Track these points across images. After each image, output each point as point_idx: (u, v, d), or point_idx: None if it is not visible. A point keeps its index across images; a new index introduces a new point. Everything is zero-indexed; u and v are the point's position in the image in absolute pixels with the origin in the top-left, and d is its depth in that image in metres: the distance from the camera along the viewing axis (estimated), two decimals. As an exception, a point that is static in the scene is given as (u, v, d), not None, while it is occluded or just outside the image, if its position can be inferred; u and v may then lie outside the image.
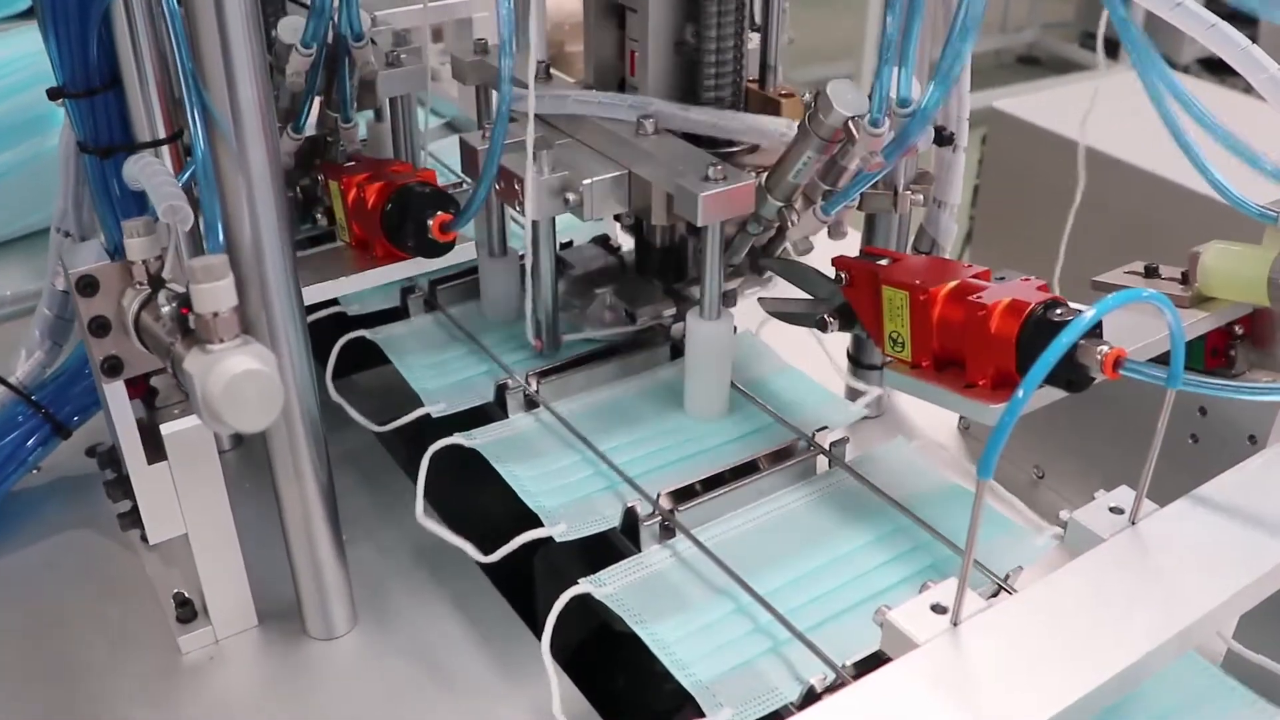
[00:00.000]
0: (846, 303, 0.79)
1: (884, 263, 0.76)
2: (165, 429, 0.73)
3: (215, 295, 0.57)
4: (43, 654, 0.80)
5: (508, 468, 0.84)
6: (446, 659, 0.79)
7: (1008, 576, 0.72)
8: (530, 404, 0.92)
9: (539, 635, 0.72)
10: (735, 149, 0.89)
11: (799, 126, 0.76)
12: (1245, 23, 0.76)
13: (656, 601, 0.73)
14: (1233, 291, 0.76)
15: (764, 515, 0.81)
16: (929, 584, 0.58)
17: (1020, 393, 0.50)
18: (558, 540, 0.78)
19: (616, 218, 0.98)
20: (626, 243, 1.06)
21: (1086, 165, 0.98)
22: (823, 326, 0.80)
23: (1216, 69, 3.67)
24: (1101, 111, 1.01)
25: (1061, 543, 0.67)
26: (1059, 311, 0.65)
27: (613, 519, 0.79)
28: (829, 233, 0.87)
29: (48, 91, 0.79)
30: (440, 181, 0.88)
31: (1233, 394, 0.62)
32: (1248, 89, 0.70)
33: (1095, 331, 0.63)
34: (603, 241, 1.08)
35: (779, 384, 0.94)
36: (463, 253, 0.87)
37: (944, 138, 0.85)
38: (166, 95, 0.80)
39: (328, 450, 0.75)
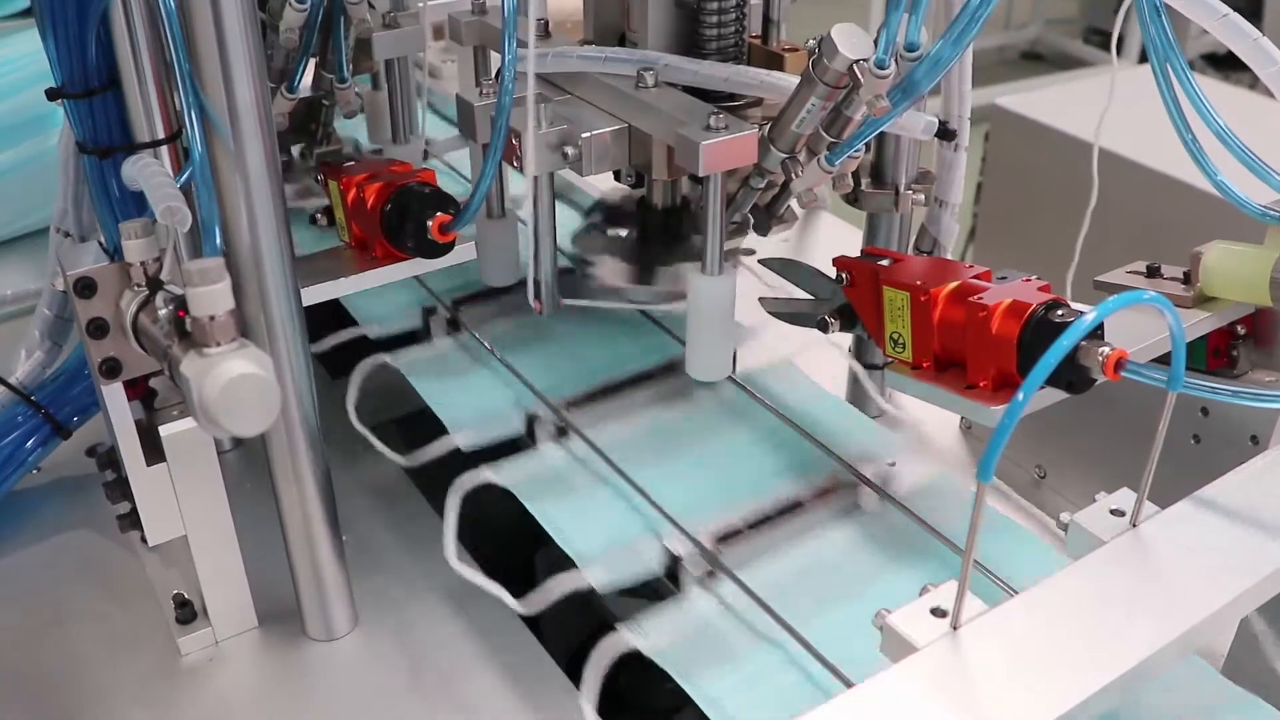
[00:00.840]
0: (848, 303, 0.78)
1: (885, 263, 0.75)
2: (164, 430, 0.73)
3: (211, 298, 0.56)
4: (42, 654, 0.80)
5: (540, 507, 0.82)
6: (447, 661, 0.79)
7: (1007, 579, 0.72)
8: (560, 432, 0.90)
9: (540, 637, 0.71)
10: (737, 103, 0.87)
11: (803, 73, 0.74)
12: (1249, 17, 0.76)
13: (702, 652, 0.71)
14: (1235, 291, 0.76)
15: (808, 554, 0.79)
16: (929, 587, 0.57)
17: (1020, 395, 0.49)
18: (600, 590, 0.76)
19: (617, 176, 0.95)
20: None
21: (1092, 164, 0.98)
22: (824, 327, 0.80)
23: (1222, 65, 3.66)
24: (1110, 110, 1.01)
25: (1061, 546, 0.67)
26: (1060, 313, 0.65)
27: (652, 564, 0.77)
28: (834, 184, 0.85)
29: (46, 92, 0.79)
30: (454, 190, 0.87)
31: (1232, 399, 0.61)
32: (1253, 85, 0.70)
33: (1097, 332, 0.63)
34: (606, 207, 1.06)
35: (818, 413, 0.92)
36: (463, 253, 0.87)
37: (946, 132, 0.85)
38: (165, 96, 0.79)
39: (326, 452, 0.75)
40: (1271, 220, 0.73)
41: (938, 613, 0.55)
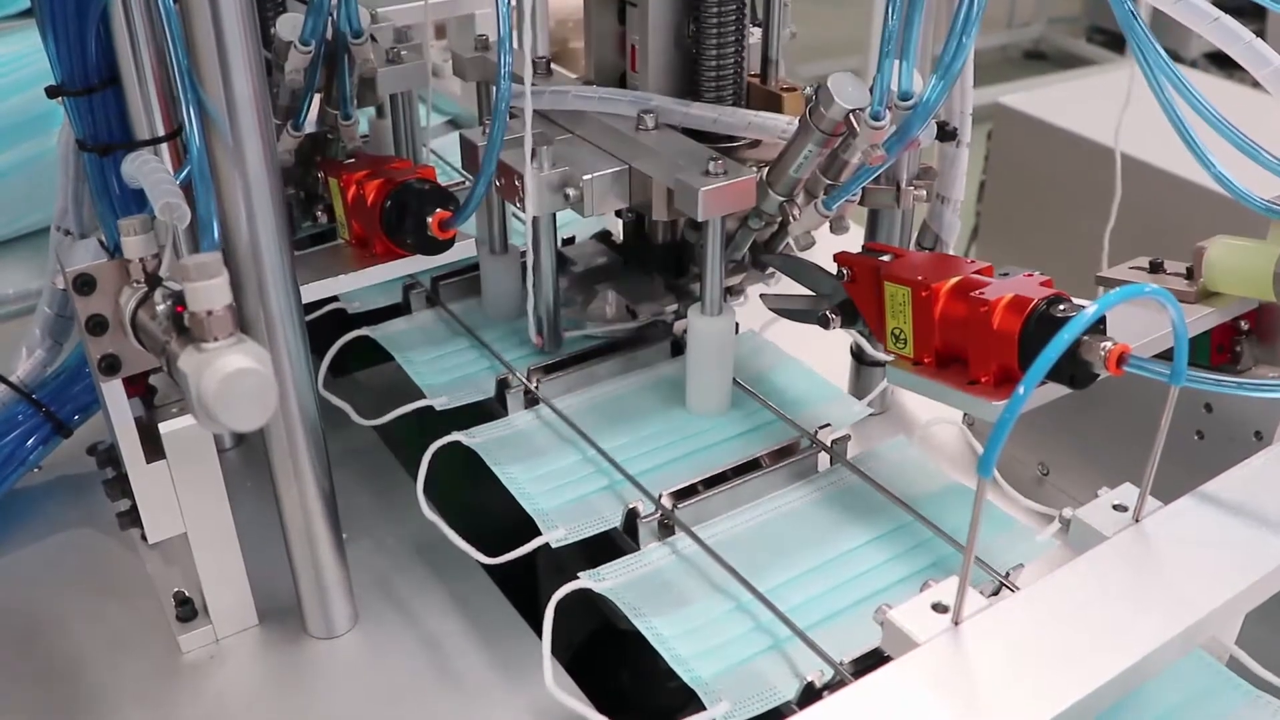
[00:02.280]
0: (849, 299, 0.78)
1: (886, 258, 0.75)
2: (164, 428, 0.73)
3: (209, 293, 0.56)
4: (43, 652, 0.80)
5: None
6: (447, 657, 0.79)
7: (1008, 574, 0.72)
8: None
9: (540, 634, 0.71)
10: (736, 144, 0.88)
11: (800, 120, 0.76)
12: (1252, 17, 0.76)
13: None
14: (1238, 286, 0.76)
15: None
16: (930, 582, 0.57)
17: (1021, 389, 0.49)
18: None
19: (618, 214, 0.97)
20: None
21: (1097, 162, 0.98)
22: (825, 323, 0.80)
23: (1224, 63, 3.65)
24: (1111, 108, 1.01)
25: (1064, 540, 0.67)
26: (1062, 307, 0.65)
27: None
28: (831, 227, 0.86)
29: (46, 90, 0.79)
30: (442, 179, 0.88)
31: (1236, 390, 0.61)
32: (1256, 82, 0.70)
33: (1100, 328, 0.62)
34: (604, 238, 1.07)
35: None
36: (462, 250, 0.87)
37: (946, 133, 0.85)
38: (165, 93, 0.79)
39: (327, 448, 0.75)
40: (1274, 215, 0.72)
41: (939, 608, 0.55)
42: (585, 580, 0.73)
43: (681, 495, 0.79)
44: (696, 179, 0.76)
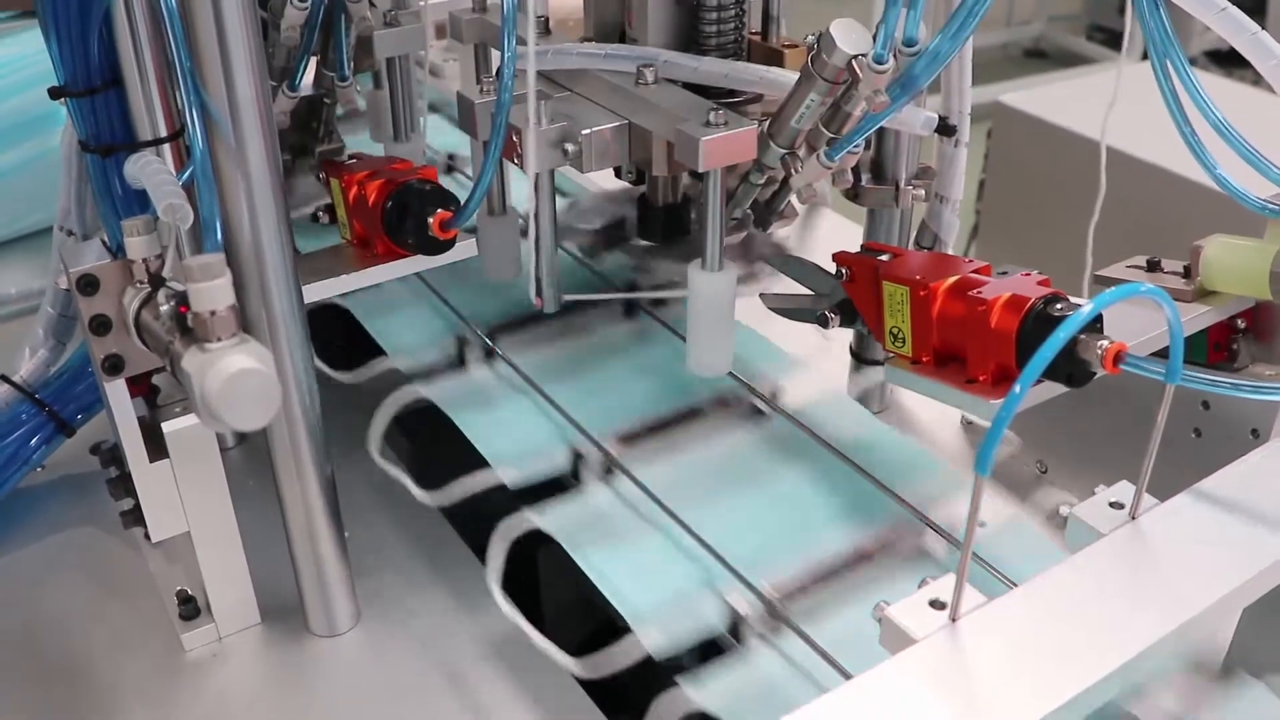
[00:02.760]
0: (848, 298, 0.79)
1: (885, 258, 0.75)
2: (167, 427, 0.73)
3: (212, 294, 0.57)
4: (46, 651, 0.81)
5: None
6: (449, 655, 0.79)
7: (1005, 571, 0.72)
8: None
9: (544, 631, 0.72)
10: (737, 99, 0.87)
11: (801, 69, 0.75)
12: (1252, 13, 0.76)
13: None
14: (1234, 285, 0.76)
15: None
16: (927, 580, 0.58)
17: (1017, 387, 0.49)
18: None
19: (617, 174, 0.96)
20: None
21: (1097, 161, 0.98)
22: (824, 322, 0.80)
23: (1225, 61, 3.65)
24: (1109, 105, 1.01)
25: (1061, 537, 0.67)
26: (1059, 306, 0.65)
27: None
28: (832, 179, 0.84)
29: (49, 90, 0.79)
30: (441, 179, 0.88)
31: (1232, 391, 0.61)
32: (1256, 81, 0.70)
33: (1097, 326, 0.63)
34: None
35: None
36: (464, 250, 0.87)
37: (948, 127, 0.85)
38: (167, 94, 0.80)
39: (329, 447, 0.75)
40: (1271, 214, 0.73)
41: (936, 605, 0.55)
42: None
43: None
44: (697, 129, 0.75)
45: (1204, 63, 3.65)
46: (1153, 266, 0.80)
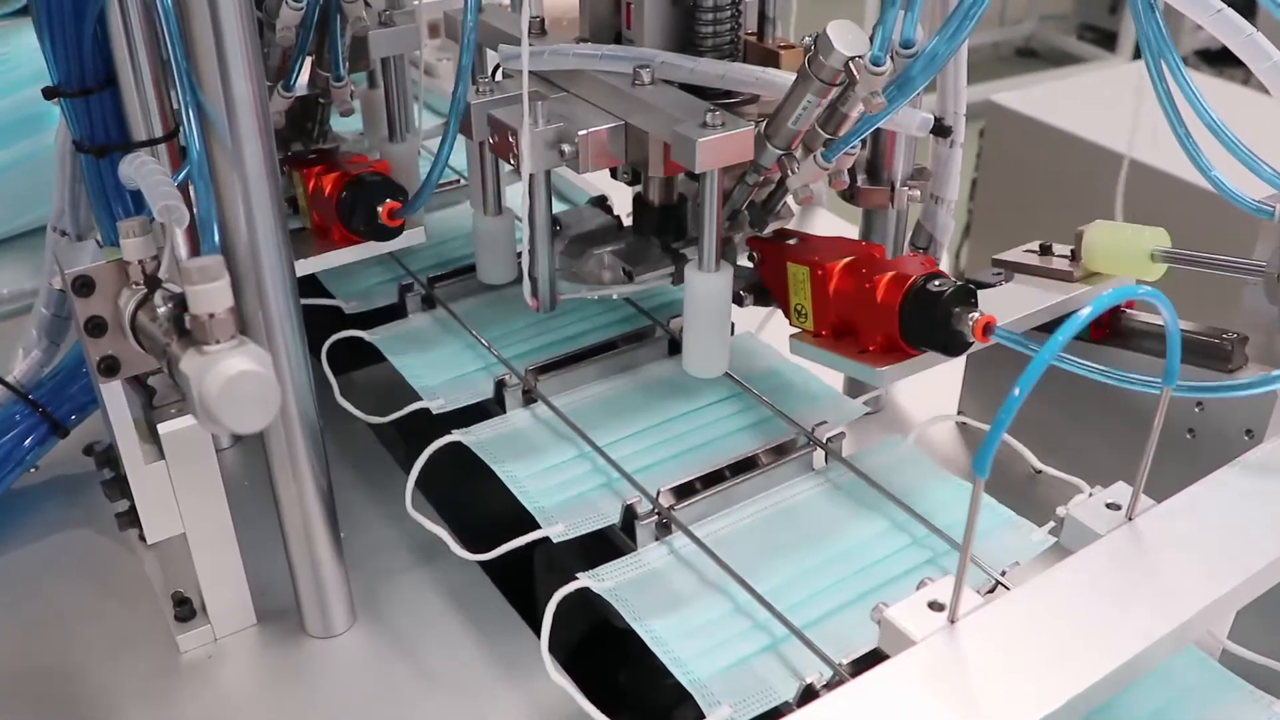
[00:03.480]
0: (759, 280, 0.85)
1: (792, 242, 0.83)
2: (163, 428, 0.73)
3: (211, 296, 0.56)
4: (41, 653, 0.80)
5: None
6: (445, 657, 0.79)
7: (1003, 573, 0.72)
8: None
9: (538, 632, 0.72)
10: (732, 101, 0.87)
11: (798, 70, 0.75)
12: (1242, 13, 0.76)
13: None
14: (1115, 266, 0.84)
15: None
16: (926, 581, 0.58)
17: (1016, 390, 0.49)
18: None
19: (613, 174, 0.96)
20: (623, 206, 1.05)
21: (1086, 158, 0.99)
22: (739, 302, 0.86)
23: (1215, 61, 3.66)
24: (1102, 106, 1.01)
25: (1058, 539, 0.67)
26: (937, 283, 0.72)
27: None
28: (829, 180, 0.85)
29: (43, 90, 0.79)
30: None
31: (1229, 392, 0.62)
32: (1246, 80, 0.70)
33: (972, 300, 0.72)
34: (600, 203, 1.07)
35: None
36: (412, 237, 0.94)
37: (942, 129, 0.85)
38: (162, 94, 0.79)
39: (325, 448, 0.75)
40: (1265, 215, 0.73)
41: (935, 606, 0.56)
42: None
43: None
44: (694, 130, 0.75)
45: (1195, 62, 3.66)
46: (1045, 250, 0.88)
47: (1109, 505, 0.64)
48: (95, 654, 0.80)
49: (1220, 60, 3.61)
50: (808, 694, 0.66)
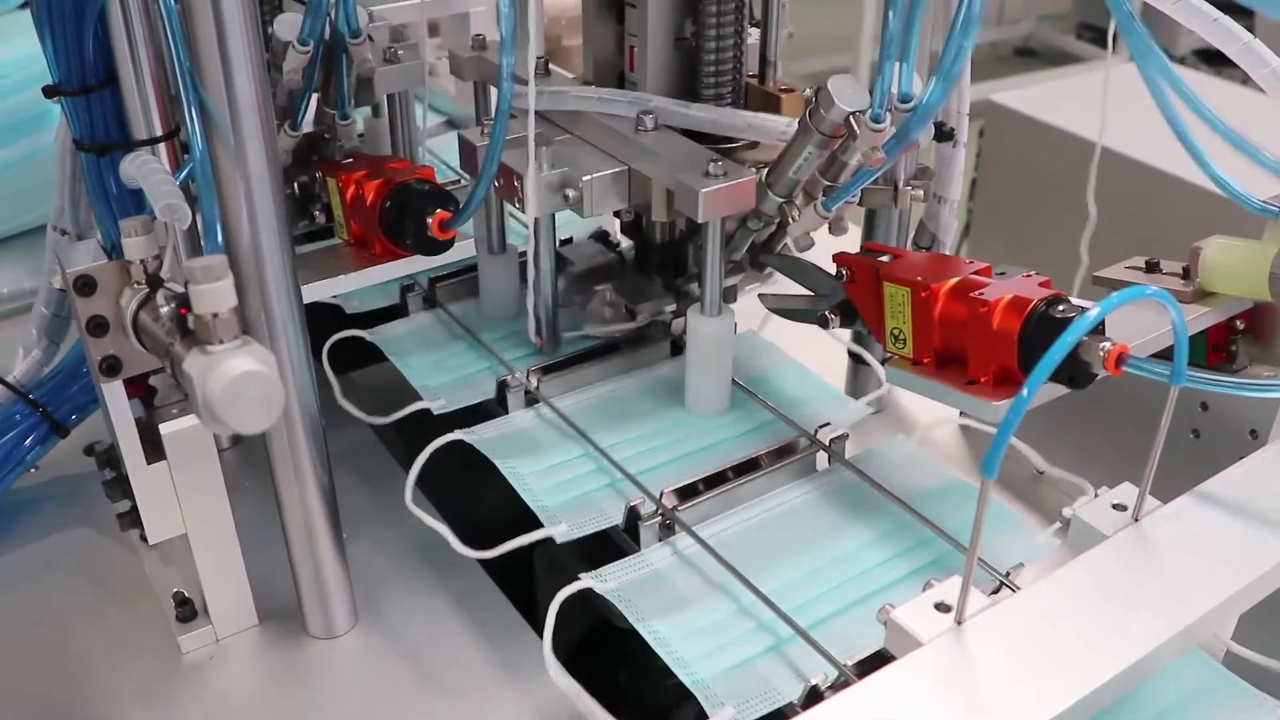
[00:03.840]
0: (848, 299, 0.79)
1: (885, 259, 0.75)
2: (164, 429, 0.73)
3: (215, 296, 0.56)
4: (42, 654, 0.80)
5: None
6: (447, 657, 0.79)
7: (1009, 574, 0.72)
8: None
9: (540, 633, 0.71)
10: (734, 145, 0.88)
11: (799, 122, 0.76)
12: (1241, 15, 0.76)
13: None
14: (1233, 286, 0.76)
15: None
16: (933, 582, 0.58)
17: (1025, 391, 0.49)
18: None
19: (616, 214, 0.97)
20: (625, 240, 1.06)
21: (1089, 159, 0.98)
22: (824, 323, 0.80)
23: (1214, 60, 3.66)
24: (1100, 104, 1.01)
25: (1064, 540, 0.67)
26: (1061, 308, 0.65)
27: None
28: (830, 228, 0.86)
29: (44, 89, 0.79)
30: (439, 178, 0.88)
31: (1236, 390, 0.62)
32: (1245, 80, 0.70)
33: (1098, 328, 0.63)
34: (602, 238, 1.07)
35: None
36: (462, 250, 0.87)
37: (944, 133, 0.85)
38: (163, 93, 0.79)
39: (328, 449, 0.75)
40: (1270, 215, 0.73)
41: (942, 608, 0.56)
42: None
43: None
44: (697, 180, 0.77)
45: (1193, 61, 3.66)
46: (1151, 268, 0.80)
47: (1115, 506, 0.64)
48: (96, 654, 0.80)
49: (1219, 59, 3.61)
50: (813, 695, 0.65)
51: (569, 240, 1.09)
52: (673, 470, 0.84)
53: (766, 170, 0.80)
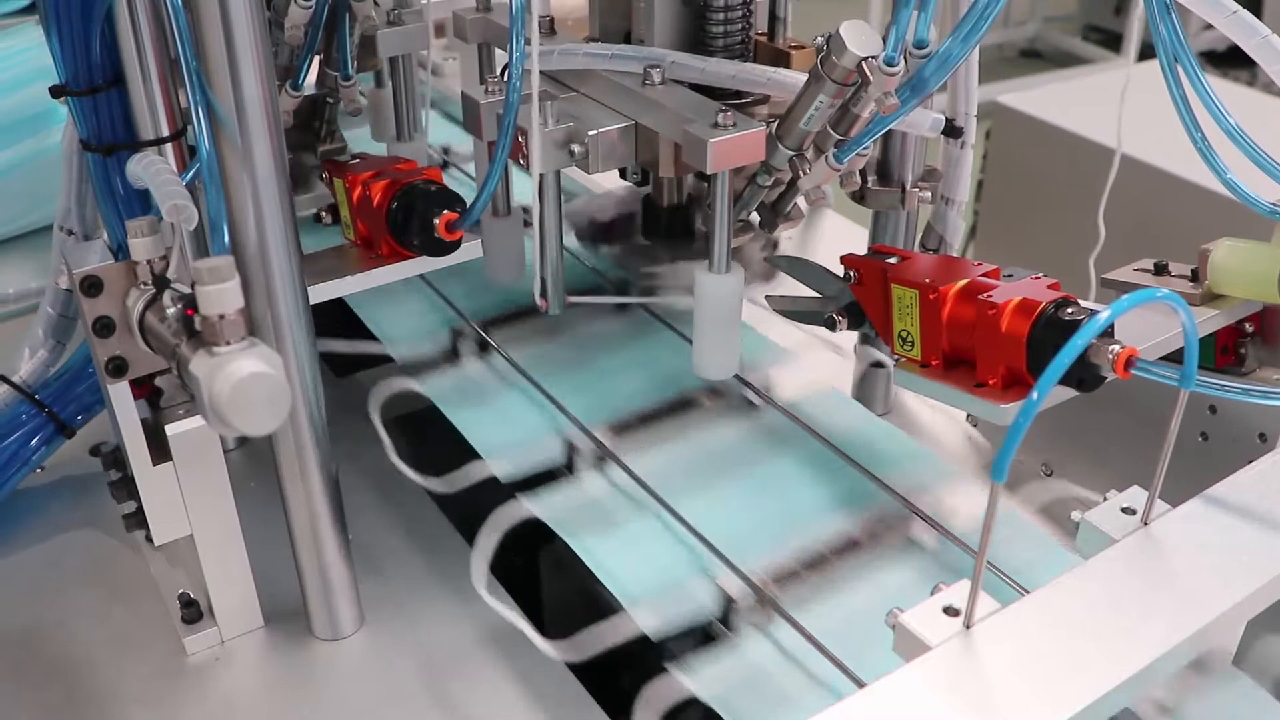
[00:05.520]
0: (855, 301, 0.78)
1: (893, 261, 0.75)
2: (170, 430, 0.73)
3: (221, 297, 0.56)
4: (47, 654, 0.80)
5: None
6: (453, 660, 0.79)
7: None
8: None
9: (547, 635, 0.72)
10: (743, 101, 0.87)
11: (811, 71, 0.74)
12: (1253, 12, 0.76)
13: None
14: (1243, 289, 0.76)
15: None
16: (941, 586, 0.57)
17: (1034, 394, 0.49)
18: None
19: (622, 175, 0.95)
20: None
21: (1094, 160, 0.98)
22: (831, 325, 0.80)
23: (1220, 62, 3.66)
24: (1109, 107, 1.01)
25: (1074, 543, 0.67)
26: (1070, 310, 0.65)
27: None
28: (840, 182, 0.84)
29: (50, 89, 0.79)
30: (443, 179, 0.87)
31: (1243, 396, 0.61)
32: (1250, 82, 0.70)
33: (1107, 330, 0.63)
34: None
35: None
36: (469, 251, 0.86)
37: (954, 129, 0.84)
38: (170, 93, 0.79)
39: (333, 450, 0.75)
40: (1279, 218, 0.72)
41: (950, 611, 0.55)
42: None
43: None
44: (705, 131, 0.74)
45: (1199, 63, 3.65)
46: (1160, 270, 0.80)
47: (1124, 510, 0.63)
48: (101, 655, 0.80)
49: (1225, 62, 3.60)
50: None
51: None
52: (764, 547, 0.78)
53: (776, 123, 0.78)
